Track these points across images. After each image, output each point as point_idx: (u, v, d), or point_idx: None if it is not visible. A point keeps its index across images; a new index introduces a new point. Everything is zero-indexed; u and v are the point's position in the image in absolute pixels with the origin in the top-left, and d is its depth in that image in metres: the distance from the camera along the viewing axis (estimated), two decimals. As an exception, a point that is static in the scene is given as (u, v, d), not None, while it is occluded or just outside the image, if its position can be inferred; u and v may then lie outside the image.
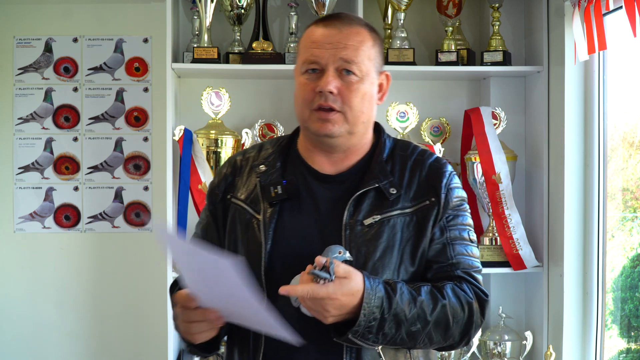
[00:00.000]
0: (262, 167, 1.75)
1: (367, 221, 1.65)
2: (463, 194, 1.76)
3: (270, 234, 1.67)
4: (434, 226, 1.69)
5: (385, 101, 3.10)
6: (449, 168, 1.76)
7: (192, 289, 1.57)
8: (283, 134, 3.14)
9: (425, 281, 1.68)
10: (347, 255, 1.59)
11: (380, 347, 1.63)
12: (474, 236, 1.76)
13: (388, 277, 1.64)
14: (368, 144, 1.77)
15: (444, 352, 3.03)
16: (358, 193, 1.67)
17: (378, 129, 1.80)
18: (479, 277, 1.73)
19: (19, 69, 3.28)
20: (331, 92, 1.64)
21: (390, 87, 1.80)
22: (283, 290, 1.53)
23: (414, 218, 1.68)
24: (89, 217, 3.30)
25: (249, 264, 1.68)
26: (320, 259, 1.54)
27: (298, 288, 1.53)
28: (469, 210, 1.78)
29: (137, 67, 3.32)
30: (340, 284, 1.52)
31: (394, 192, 1.68)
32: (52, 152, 3.29)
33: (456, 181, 1.75)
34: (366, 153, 1.76)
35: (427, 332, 1.61)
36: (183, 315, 1.60)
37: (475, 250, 1.75)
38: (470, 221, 1.76)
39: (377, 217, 1.66)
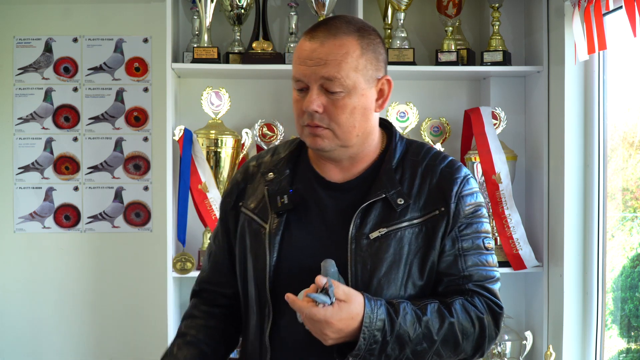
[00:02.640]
0: (271, 175, 1.71)
1: (373, 235, 1.60)
2: (478, 199, 1.67)
3: (275, 246, 1.64)
4: (443, 238, 1.62)
5: (385, 101, 3.16)
6: (462, 173, 1.67)
7: None
8: (283, 134, 3.14)
9: (436, 295, 1.63)
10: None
11: None
12: (490, 243, 1.68)
13: (394, 293, 1.60)
14: (377, 149, 1.70)
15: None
16: (364, 205, 1.62)
17: (391, 131, 1.73)
18: (494, 288, 1.66)
19: (19, 69, 3.28)
20: (316, 112, 1.58)
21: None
22: (288, 297, 1.51)
23: (423, 229, 1.62)
24: (89, 217, 3.30)
25: (256, 274, 1.66)
26: (320, 280, 1.49)
27: (297, 303, 1.50)
28: (486, 216, 1.70)
29: (137, 67, 3.31)
30: (339, 308, 1.49)
31: (402, 202, 1.61)
32: (52, 152, 3.29)
33: (470, 187, 1.66)
34: (375, 159, 1.69)
35: (435, 350, 1.57)
36: None
37: (491, 259, 1.67)
38: (486, 227, 1.68)
39: (384, 231, 1.60)
